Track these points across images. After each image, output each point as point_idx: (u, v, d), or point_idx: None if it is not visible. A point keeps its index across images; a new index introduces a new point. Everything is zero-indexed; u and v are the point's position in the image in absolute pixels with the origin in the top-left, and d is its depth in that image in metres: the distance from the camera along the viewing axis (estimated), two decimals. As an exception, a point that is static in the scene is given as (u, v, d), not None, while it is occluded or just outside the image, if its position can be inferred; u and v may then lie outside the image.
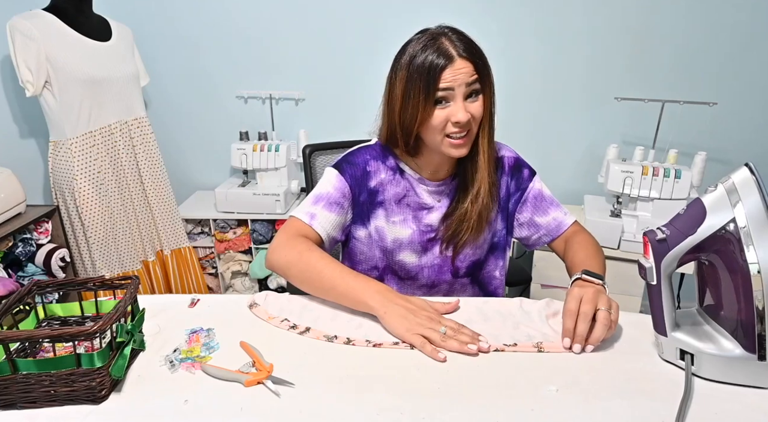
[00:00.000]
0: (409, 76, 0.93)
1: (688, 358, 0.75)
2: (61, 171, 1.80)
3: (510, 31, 2.07)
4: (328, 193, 1.04)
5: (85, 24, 1.78)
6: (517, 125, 2.16)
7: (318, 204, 1.03)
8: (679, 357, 0.76)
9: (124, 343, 0.76)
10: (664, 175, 1.73)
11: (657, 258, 0.73)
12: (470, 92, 0.93)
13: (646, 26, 1.99)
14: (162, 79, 2.28)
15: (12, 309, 0.79)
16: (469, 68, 0.91)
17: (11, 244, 1.79)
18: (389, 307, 0.86)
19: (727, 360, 0.73)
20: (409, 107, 0.94)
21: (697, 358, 0.74)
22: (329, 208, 1.03)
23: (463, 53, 0.91)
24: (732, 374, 0.73)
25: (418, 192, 1.07)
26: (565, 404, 0.71)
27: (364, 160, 1.06)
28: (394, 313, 0.86)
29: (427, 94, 0.92)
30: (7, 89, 1.95)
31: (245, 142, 2.21)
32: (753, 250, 0.68)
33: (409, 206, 1.07)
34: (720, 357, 0.73)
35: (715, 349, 0.73)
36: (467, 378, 0.77)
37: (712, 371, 0.74)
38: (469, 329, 0.85)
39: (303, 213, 1.02)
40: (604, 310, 0.82)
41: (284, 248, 0.98)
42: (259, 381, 0.75)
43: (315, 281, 0.94)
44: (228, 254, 2.26)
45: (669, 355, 0.78)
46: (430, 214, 1.07)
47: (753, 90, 2.00)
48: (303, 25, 2.17)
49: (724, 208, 0.70)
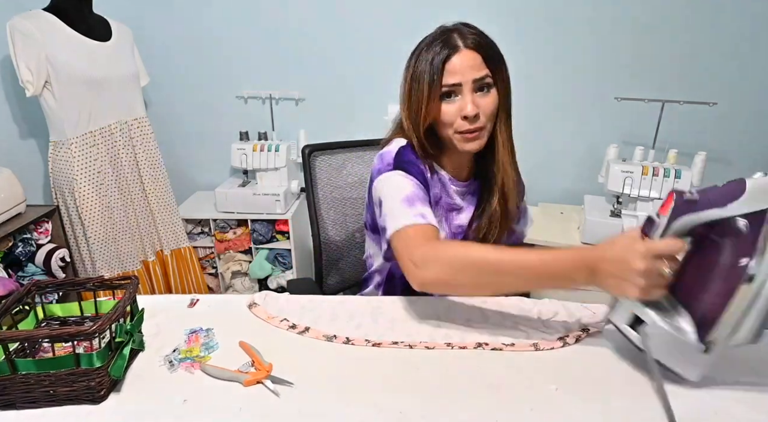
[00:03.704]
0: (415, 70, 0.92)
1: (643, 328, 0.72)
2: (61, 171, 1.80)
3: (510, 32, 2.07)
4: (413, 192, 0.91)
5: (85, 24, 1.77)
6: (517, 125, 2.14)
7: (416, 204, 0.89)
8: (629, 324, 0.74)
9: (123, 343, 0.76)
10: (664, 175, 1.72)
11: (673, 216, 0.68)
12: (480, 86, 0.90)
13: (647, 26, 1.99)
14: (162, 79, 2.28)
15: (11, 310, 0.79)
16: (477, 60, 0.89)
17: (11, 244, 1.79)
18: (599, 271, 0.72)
19: (675, 342, 0.71)
20: (413, 102, 0.92)
21: (645, 329, 0.72)
22: (424, 202, 0.90)
23: (470, 44, 0.89)
24: (673, 356, 0.72)
25: (450, 193, 1.04)
26: (565, 403, 0.71)
27: (412, 158, 0.97)
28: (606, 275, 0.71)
29: (431, 86, 0.89)
30: (7, 89, 1.95)
31: (245, 142, 2.21)
32: (759, 259, 0.64)
33: (442, 207, 1.05)
34: (670, 337, 0.71)
35: (670, 327, 0.71)
36: (467, 378, 0.77)
37: (655, 347, 0.72)
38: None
39: (413, 217, 0.87)
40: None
41: (432, 258, 0.81)
42: (259, 380, 0.75)
43: (498, 276, 0.79)
44: (228, 254, 2.27)
45: (618, 319, 0.75)
46: (460, 215, 1.06)
47: (753, 90, 2.00)
48: (303, 25, 2.17)
49: (764, 196, 0.64)
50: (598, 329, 0.88)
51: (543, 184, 2.22)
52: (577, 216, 2.06)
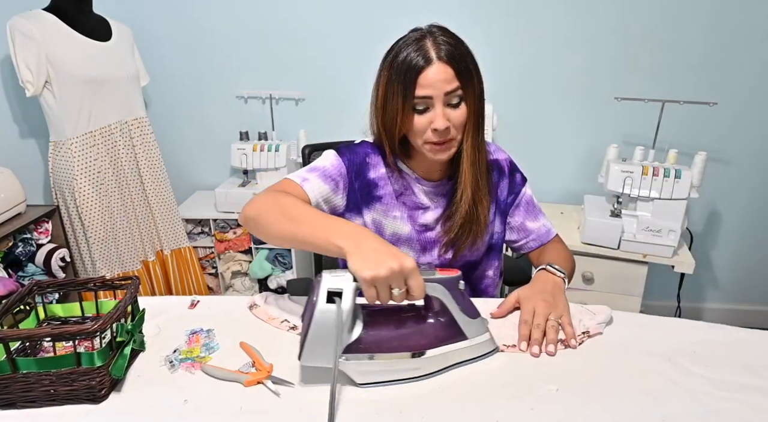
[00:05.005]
0: (389, 76, 0.93)
1: (338, 301, 0.72)
2: (61, 171, 1.80)
3: (510, 32, 2.07)
4: (324, 166, 1.03)
5: (85, 24, 1.77)
6: (517, 125, 2.16)
7: (312, 173, 1.01)
8: (326, 292, 0.73)
9: (124, 343, 0.76)
10: (664, 175, 1.72)
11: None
12: (451, 99, 0.91)
13: (647, 26, 1.99)
14: (162, 79, 2.28)
15: (12, 309, 0.79)
16: (449, 74, 0.89)
17: (11, 244, 1.79)
18: (360, 246, 0.74)
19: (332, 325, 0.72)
20: (389, 111, 0.94)
21: (338, 302, 0.72)
22: (323, 179, 1.01)
23: (443, 56, 0.89)
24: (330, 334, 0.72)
25: (415, 191, 1.06)
26: (565, 404, 0.71)
27: (365, 151, 1.06)
28: (363, 253, 0.72)
29: (405, 99, 0.90)
30: (7, 89, 1.95)
31: (245, 142, 2.21)
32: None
33: (405, 205, 1.06)
34: (336, 316, 0.72)
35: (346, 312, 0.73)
36: (467, 378, 0.77)
37: (328, 320, 0.72)
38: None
39: (296, 176, 1.00)
40: (553, 320, 0.86)
41: (264, 196, 0.92)
42: (259, 381, 0.75)
43: (284, 224, 0.83)
44: (228, 254, 2.27)
45: (326, 284, 0.73)
46: (426, 214, 1.07)
47: (753, 90, 2.00)
48: (303, 25, 2.17)
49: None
50: (599, 330, 0.88)
51: (543, 184, 2.22)
52: (577, 216, 2.06)
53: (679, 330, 0.89)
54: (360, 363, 0.74)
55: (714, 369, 0.78)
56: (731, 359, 0.81)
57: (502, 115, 2.08)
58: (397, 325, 0.80)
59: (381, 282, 0.70)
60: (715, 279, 2.31)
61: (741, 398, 0.72)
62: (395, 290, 0.71)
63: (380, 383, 0.75)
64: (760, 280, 2.27)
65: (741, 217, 2.18)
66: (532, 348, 0.83)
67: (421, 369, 0.77)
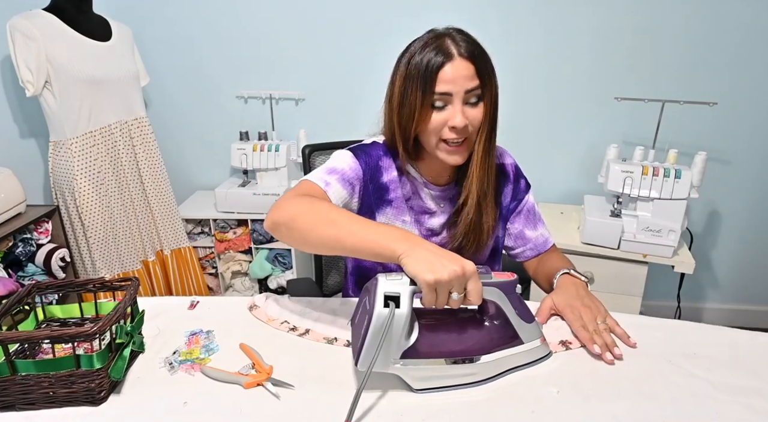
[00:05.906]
0: (407, 73, 0.90)
1: (392, 306, 0.70)
2: (61, 171, 1.79)
3: (510, 32, 2.07)
4: (342, 169, 0.98)
5: (85, 24, 1.77)
6: (517, 125, 2.16)
7: (332, 175, 0.97)
8: (384, 297, 0.70)
9: (123, 345, 0.76)
10: (664, 175, 1.72)
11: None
12: (470, 97, 0.89)
13: (647, 26, 1.99)
14: (162, 79, 2.28)
15: (12, 310, 0.79)
16: (470, 70, 0.87)
17: (11, 244, 1.79)
18: (415, 249, 0.72)
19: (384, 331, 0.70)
20: (406, 106, 0.91)
21: (393, 308, 0.70)
22: (342, 183, 0.97)
23: (464, 53, 0.87)
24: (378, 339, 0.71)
25: (422, 195, 1.05)
26: (566, 405, 0.71)
27: (378, 154, 1.02)
28: (420, 256, 0.71)
29: (424, 94, 0.88)
30: (7, 89, 1.94)
31: (245, 142, 2.21)
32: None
33: (412, 209, 1.05)
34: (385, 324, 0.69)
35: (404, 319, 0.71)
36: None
37: (381, 327, 0.70)
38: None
39: (318, 179, 0.95)
40: (603, 324, 0.88)
41: (292, 201, 0.86)
42: (259, 382, 0.75)
43: (325, 229, 0.79)
44: (228, 254, 2.26)
45: (385, 287, 0.71)
46: (432, 219, 1.06)
47: (753, 90, 2.00)
48: (303, 25, 2.17)
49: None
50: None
51: (543, 184, 2.22)
52: (577, 216, 2.06)
53: (680, 332, 0.89)
54: (417, 368, 0.73)
55: (715, 371, 0.78)
56: (732, 361, 0.81)
57: (501, 115, 2.07)
58: (453, 329, 0.78)
59: (443, 285, 0.68)
60: (715, 279, 2.31)
61: (742, 400, 0.72)
62: (454, 294, 0.69)
63: (436, 389, 0.74)
64: (760, 280, 2.27)
65: (741, 217, 2.18)
66: (606, 355, 0.81)
67: (477, 374, 0.75)
